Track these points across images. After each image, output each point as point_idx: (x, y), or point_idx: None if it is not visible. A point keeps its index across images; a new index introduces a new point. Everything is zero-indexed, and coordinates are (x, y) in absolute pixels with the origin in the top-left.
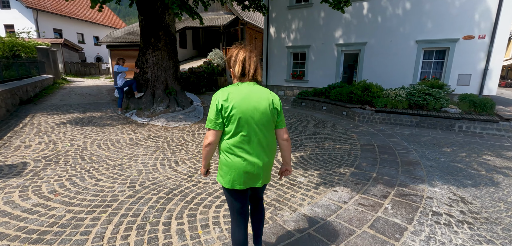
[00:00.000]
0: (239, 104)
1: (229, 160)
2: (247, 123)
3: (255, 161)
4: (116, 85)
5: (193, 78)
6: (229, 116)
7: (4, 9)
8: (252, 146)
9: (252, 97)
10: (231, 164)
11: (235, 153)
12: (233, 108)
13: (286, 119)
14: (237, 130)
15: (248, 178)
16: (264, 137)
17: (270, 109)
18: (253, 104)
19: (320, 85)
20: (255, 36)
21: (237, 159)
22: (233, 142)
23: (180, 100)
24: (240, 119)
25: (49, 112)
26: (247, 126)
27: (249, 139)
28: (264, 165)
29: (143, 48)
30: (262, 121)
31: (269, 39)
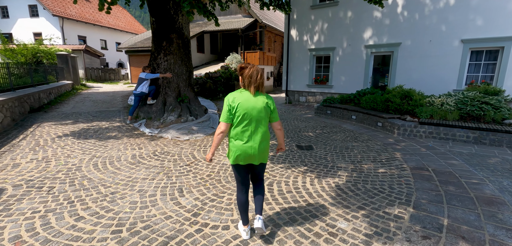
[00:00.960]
0: (243, 104)
1: (235, 143)
2: (248, 117)
3: (253, 144)
4: (135, 91)
5: (209, 83)
6: (236, 112)
7: (34, 17)
8: (251, 134)
9: (252, 99)
10: (236, 146)
11: (239, 138)
12: (239, 106)
13: (311, 129)
14: (241, 122)
15: (248, 157)
16: (260, 128)
17: (265, 107)
18: (253, 104)
19: (346, 91)
20: (274, 40)
21: (240, 142)
22: (238, 131)
23: (193, 108)
24: (244, 115)
25: (56, 121)
26: (248, 120)
27: (249, 128)
28: (259, 148)
29: (154, 52)
30: (259, 116)
31: (290, 42)
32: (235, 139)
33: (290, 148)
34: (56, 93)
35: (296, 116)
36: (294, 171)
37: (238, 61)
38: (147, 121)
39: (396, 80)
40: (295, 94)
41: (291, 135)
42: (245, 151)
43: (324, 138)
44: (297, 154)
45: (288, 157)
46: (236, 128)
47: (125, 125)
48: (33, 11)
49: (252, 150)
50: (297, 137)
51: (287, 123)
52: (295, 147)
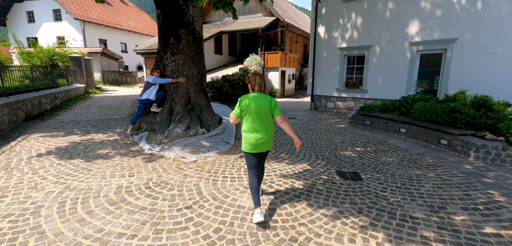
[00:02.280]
0: (251, 104)
1: (247, 136)
2: (256, 114)
3: (261, 136)
4: (140, 97)
5: (226, 87)
6: (246, 111)
7: (57, 21)
8: (259, 128)
9: (259, 99)
10: (249, 138)
11: (250, 132)
12: (249, 105)
13: (350, 146)
14: (250, 118)
15: (258, 146)
16: (265, 122)
17: (269, 106)
18: (259, 103)
19: (384, 96)
20: (295, 40)
21: (251, 135)
22: (248, 125)
23: (205, 118)
24: (252, 112)
25: (48, 132)
26: (257, 116)
27: (257, 123)
28: (266, 138)
29: (161, 51)
30: (264, 113)
31: (317, 40)
32: (247, 133)
33: (329, 175)
34: (63, 97)
35: (327, 127)
36: (346, 224)
37: (258, 62)
38: (149, 133)
39: (449, 84)
40: (321, 99)
41: (325, 153)
42: (256, 142)
43: (371, 161)
44: (341, 188)
45: (330, 194)
46: (247, 123)
47: (123, 138)
48: (57, 15)
49: (261, 141)
50: (335, 157)
51: (317, 136)
52: (336, 174)
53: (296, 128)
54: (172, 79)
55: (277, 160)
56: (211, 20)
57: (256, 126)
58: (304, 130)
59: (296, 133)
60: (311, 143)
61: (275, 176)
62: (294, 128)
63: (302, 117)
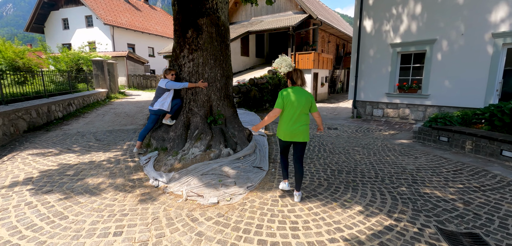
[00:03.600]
0: (292, 95)
1: (285, 125)
2: (296, 105)
3: (297, 126)
4: (151, 107)
5: (254, 91)
6: (287, 102)
7: (89, 27)
8: (297, 118)
9: (299, 93)
10: (285, 126)
11: (288, 121)
12: (290, 97)
13: (432, 176)
14: (290, 109)
15: (294, 134)
16: (302, 114)
17: (307, 100)
18: (299, 96)
19: (452, 102)
20: (328, 39)
21: (289, 123)
22: (287, 115)
23: (231, 133)
24: (293, 103)
25: (43, 148)
26: (297, 107)
27: (296, 114)
28: (301, 129)
29: (176, 48)
30: (302, 105)
31: (362, 36)
32: (284, 122)
33: (431, 239)
34: (79, 104)
35: (383, 142)
36: None
37: (288, 64)
38: (159, 154)
39: None
40: (366, 106)
41: (402, 190)
42: (291, 131)
43: (486, 207)
44: None
45: None
46: (286, 113)
47: (127, 159)
48: (89, 21)
49: (296, 130)
50: (421, 199)
51: (377, 157)
52: (442, 238)
53: (341, 142)
54: (189, 84)
55: (340, 205)
56: (237, 21)
57: (295, 116)
58: (354, 147)
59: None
60: (374, 171)
61: (342, 239)
62: (339, 143)
63: (344, 127)
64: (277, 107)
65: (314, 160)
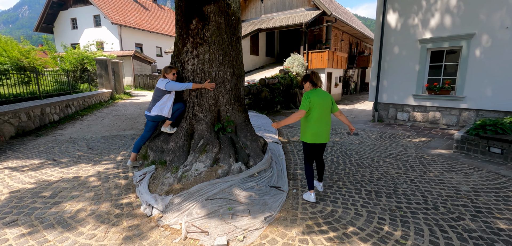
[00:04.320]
0: (317, 98)
1: (312, 128)
2: (322, 107)
3: (324, 127)
4: (148, 113)
5: (265, 92)
6: (314, 103)
7: (97, 27)
8: (323, 120)
9: (323, 94)
10: (314, 128)
11: (315, 124)
12: (315, 99)
13: (503, 203)
14: (316, 111)
15: (320, 136)
16: (327, 115)
17: (330, 100)
18: (323, 98)
19: (494, 106)
20: (341, 38)
21: (316, 126)
22: (314, 117)
23: (243, 142)
24: (318, 105)
25: (25, 159)
26: (322, 109)
27: (322, 116)
28: (327, 129)
29: (178, 42)
30: (326, 106)
31: (386, 32)
32: (311, 124)
33: None
34: (79, 105)
35: (416, 153)
36: None
37: (300, 63)
38: (157, 169)
39: None
40: (389, 109)
41: (456, 219)
42: (317, 133)
43: None
44: None
45: None
46: (311, 115)
47: (120, 174)
48: (97, 21)
49: (322, 132)
50: (486, 234)
51: (416, 173)
52: None
53: (366, 151)
54: (193, 84)
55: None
56: (247, 18)
57: (321, 118)
58: (385, 157)
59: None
60: (419, 193)
61: None
62: (364, 152)
63: (366, 133)
64: (303, 109)
65: (343, 177)
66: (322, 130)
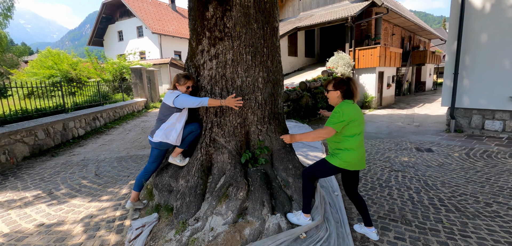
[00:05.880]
0: (356, 112)
1: (356, 148)
2: (362, 124)
3: (363, 150)
4: (151, 138)
5: (306, 98)
6: (353, 120)
7: (140, 37)
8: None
9: (357, 108)
10: (358, 152)
11: (358, 144)
12: (356, 114)
13: None
14: (358, 128)
15: (362, 161)
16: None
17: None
18: (360, 112)
19: None
20: (392, 32)
21: (360, 148)
22: (357, 137)
23: (282, 180)
24: (360, 122)
25: (22, 190)
26: (362, 127)
27: (362, 135)
28: (364, 152)
29: (192, 39)
30: (363, 124)
31: (466, 15)
32: (356, 145)
33: None
34: (109, 117)
35: None
36: None
37: (346, 62)
38: (160, 218)
39: None
40: (472, 115)
41: None
42: (362, 157)
43: None
44: None
45: None
46: (353, 134)
47: (112, 219)
48: (140, 32)
49: (364, 155)
50: None
51: None
52: None
53: (453, 177)
54: (210, 99)
55: None
56: (284, 18)
57: (362, 138)
58: (495, 196)
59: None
60: None
61: None
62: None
63: (443, 148)
64: (332, 127)
65: (429, 237)
66: (363, 153)
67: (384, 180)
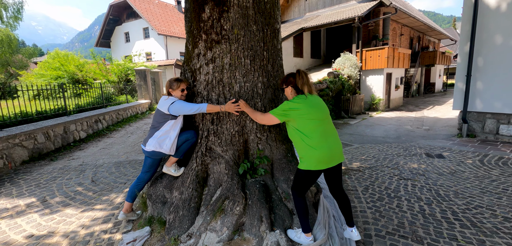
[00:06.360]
0: (308, 102)
1: (316, 144)
2: (321, 113)
3: (332, 142)
4: (144, 147)
5: None
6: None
7: (146, 39)
8: (329, 131)
9: (313, 97)
10: (319, 148)
11: (318, 138)
12: (306, 104)
13: None
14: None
15: (331, 157)
16: (331, 123)
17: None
18: (316, 100)
19: None
20: (400, 32)
21: (322, 142)
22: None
23: (282, 191)
24: (316, 110)
25: (16, 197)
26: (323, 116)
27: (325, 125)
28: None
29: (188, 43)
30: (326, 110)
31: (480, 14)
32: (316, 140)
33: None
34: (112, 119)
35: None
36: None
37: (353, 63)
38: (152, 233)
39: None
40: (486, 120)
41: None
42: (330, 151)
43: None
44: None
45: None
46: (309, 127)
47: (104, 232)
48: (146, 33)
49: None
50: None
51: None
52: None
53: (466, 187)
54: (208, 105)
55: None
56: (289, 19)
57: (327, 129)
58: None
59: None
60: None
61: None
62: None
63: (455, 154)
64: (273, 115)
65: None
66: (333, 146)
67: (393, 190)
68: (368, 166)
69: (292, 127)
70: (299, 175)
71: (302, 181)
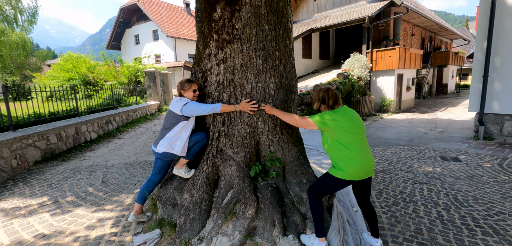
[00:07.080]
0: (346, 116)
1: (356, 155)
2: (358, 127)
3: (368, 155)
4: (154, 148)
5: None
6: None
7: (155, 41)
8: (365, 145)
9: (348, 110)
10: (358, 159)
11: (357, 150)
12: (346, 117)
13: None
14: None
15: (368, 169)
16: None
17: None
18: (352, 114)
19: None
20: (411, 32)
21: (361, 154)
22: (353, 142)
23: (295, 194)
24: (354, 125)
25: (28, 197)
26: (360, 130)
27: (362, 139)
28: (371, 158)
29: (199, 43)
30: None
31: (498, 13)
32: (356, 152)
33: None
34: (122, 120)
35: None
36: None
37: (363, 64)
38: (163, 236)
39: None
40: (504, 122)
41: None
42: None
43: None
44: None
45: None
46: (348, 139)
47: (113, 234)
48: (155, 35)
49: (370, 161)
50: None
51: None
52: None
53: (486, 192)
54: (223, 105)
55: None
56: (298, 19)
57: (364, 143)
58: None
59: None
60: None
61: None
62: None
63: (472, 157)
64: (312, 120)
65: None
66: (369, 159)
67: (408, 194)
68: (381, 169)
69: (330, 137)
70: (330, 181)
71: (330, 187)
